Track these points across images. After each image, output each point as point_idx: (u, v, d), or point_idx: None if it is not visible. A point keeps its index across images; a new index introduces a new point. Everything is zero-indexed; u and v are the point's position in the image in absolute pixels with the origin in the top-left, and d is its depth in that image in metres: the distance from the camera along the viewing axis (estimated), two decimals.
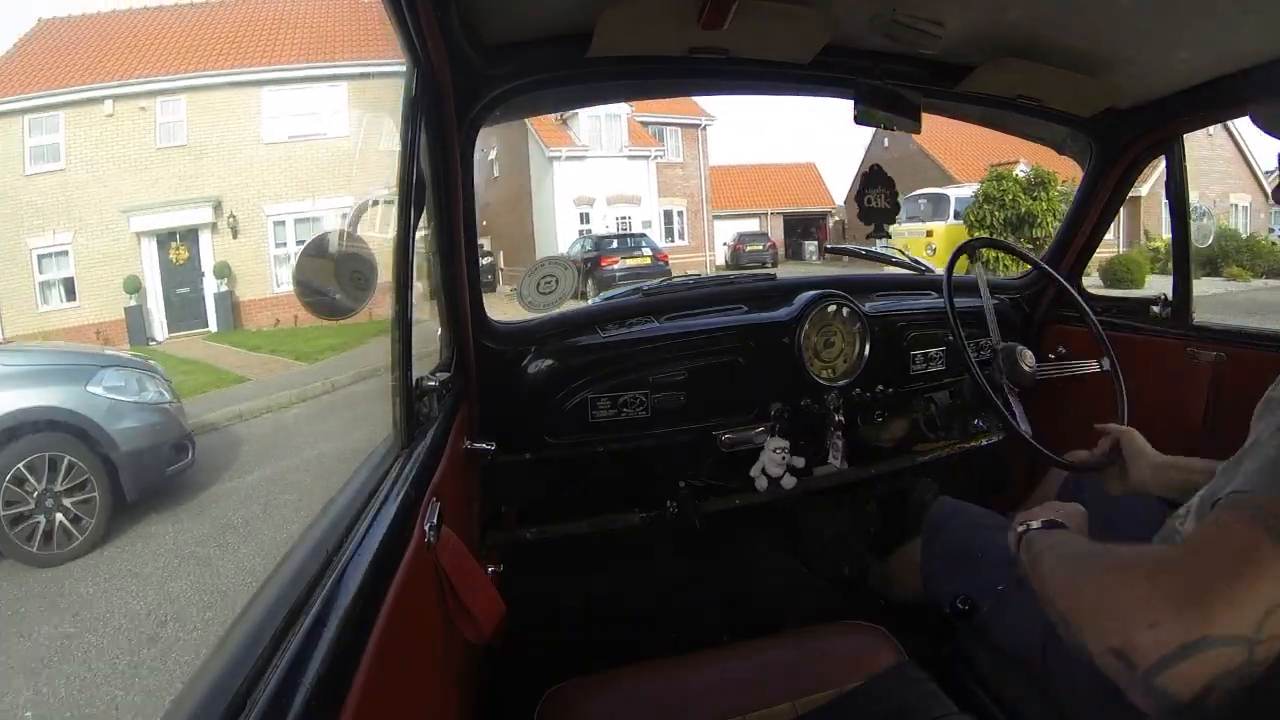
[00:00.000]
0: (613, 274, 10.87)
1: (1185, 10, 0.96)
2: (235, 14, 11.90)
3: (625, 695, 0.91)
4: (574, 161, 15.73)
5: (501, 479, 1.26)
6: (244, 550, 3.14)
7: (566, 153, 15.72)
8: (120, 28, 11.60)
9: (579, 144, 15.82)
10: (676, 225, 17.14)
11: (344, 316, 0.79)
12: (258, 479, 4.08)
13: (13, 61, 10.98)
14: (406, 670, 0.56)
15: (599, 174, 15.77)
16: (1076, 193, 1.56)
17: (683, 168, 17.10)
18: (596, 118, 15.70)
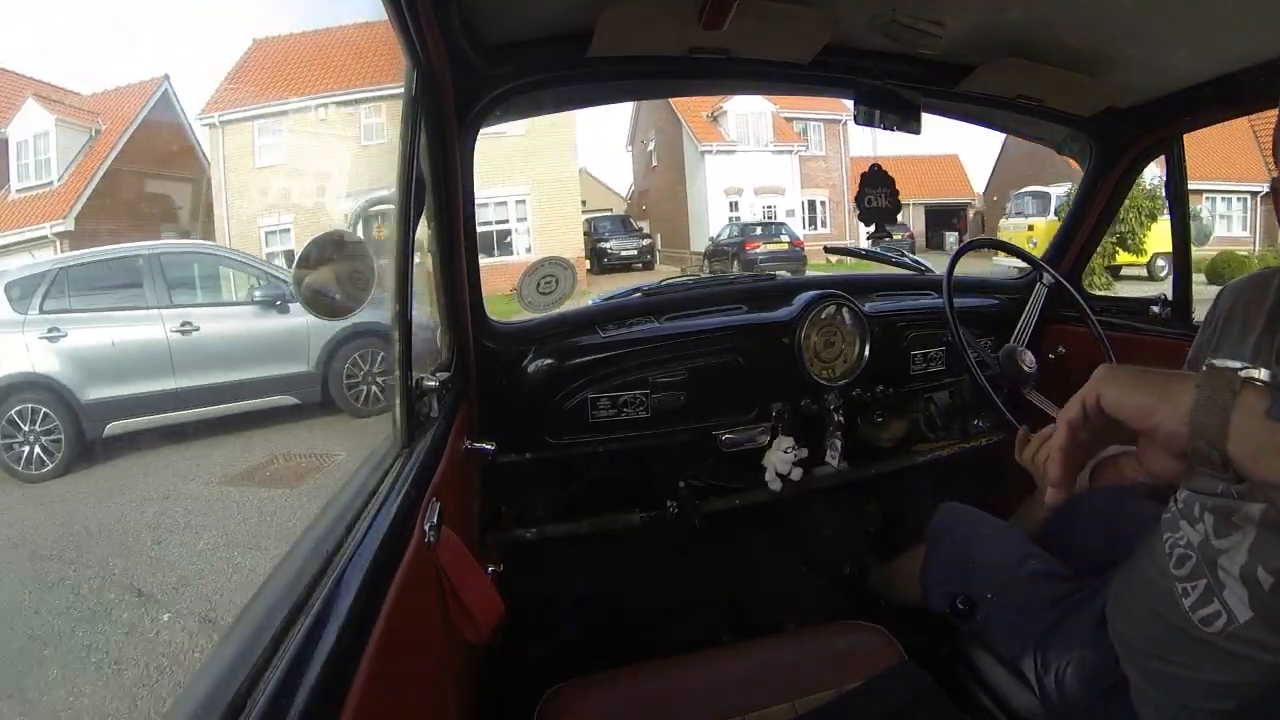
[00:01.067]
0: (755, 257, 11.94)
1: (1185, 10, 0.96)
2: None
3: (625, 695, 0.91)
4: (724, 155, 17.08)
5: (501, 479, 1.26)
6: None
7: (717, 147, 17.08)
8: (323, 43, 13.57)
9: (728, 140, 17.10)
10: (819, 214, 18.35)
11: (343, 316, 0.79)
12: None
13: (243, 74, 13.23)
14: (406, 670, 0.56)
15: (746, 167, 16.99)
16: (1076, 193, 1.56)
17: (825, 160, 17.99)
18: (744, 115, 16.92)
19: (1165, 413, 0.40)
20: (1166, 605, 0.70)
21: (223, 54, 12.60)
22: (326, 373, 4.53)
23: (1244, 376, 0.38)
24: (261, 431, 4.17)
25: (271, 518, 3.13)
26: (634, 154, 23.06)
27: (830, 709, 0.85)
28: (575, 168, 14.99)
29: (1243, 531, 0.63)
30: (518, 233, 14.25)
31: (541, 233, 14.10)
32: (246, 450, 4.03)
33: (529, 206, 14.21)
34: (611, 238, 15.85)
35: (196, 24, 14.08)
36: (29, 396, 3.93)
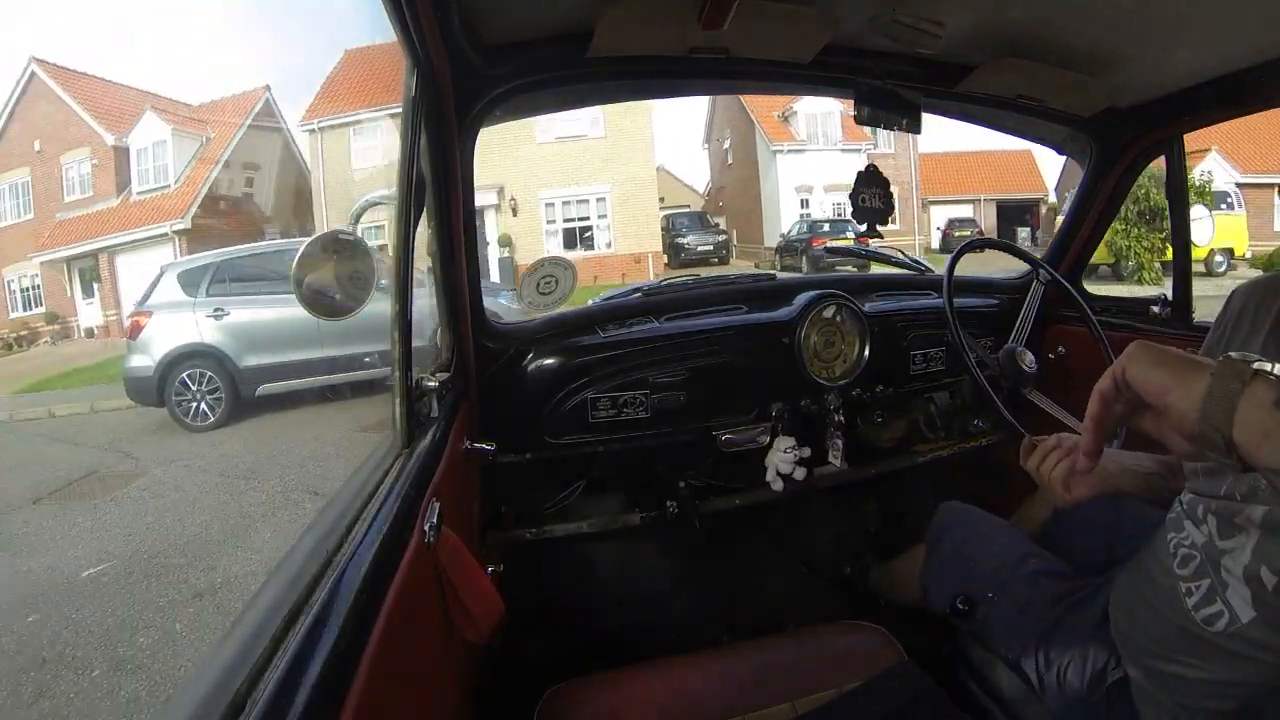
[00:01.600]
0: (821, 252, 12.18)
1: (1185, 10, 0.96)
2: None
3: (625, 695, 0.91)
4: (794, 154, 17.93)
5: (501, 479, 1.26)
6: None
7: (788, 147, 17.91)
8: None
9: (799, 139, 17.92)
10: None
11: (343, 316, 0.79)
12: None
13: (337, 84, 14.43)
14: (406, 670, 0.56)
15: (816, 165, 17.69)
16: (1076, 192, 1.56)
17: (894, 158, 18.19)
18: (814, 115, 17.77)
19: (1179, 394, 0.42)
20: (1169, 604, 0.70)
21: (321, 61, 13.99)
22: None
23: (1255, 368, 0.40)
24: (384, 396, 4.75)
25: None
26: (710, 151, 23.64)
27: (830, 709, 0.85)
28: (653, 167, 15.92)
29: (1245, 533, 0.64)
30: (599, 229, 15.41)
31: (621, 229, 15.32)
32: (371, 407, 4.78)
33: (609, 204, 15.32)
34: (688, 233, 16.30)
35: (295, 37, 15.56)
36: (197, 363, 5.11)
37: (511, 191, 14.84)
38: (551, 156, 14.90)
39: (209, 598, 2.56)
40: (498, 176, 14.50)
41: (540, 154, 14.84)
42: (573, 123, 14.60)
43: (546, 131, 14.58)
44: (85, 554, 3.07)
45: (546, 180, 14.98)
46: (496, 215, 14.85)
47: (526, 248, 14.53)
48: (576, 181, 14.97)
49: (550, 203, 15.28)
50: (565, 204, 15.28)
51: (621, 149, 14.99)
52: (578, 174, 14.93)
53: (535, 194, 15.05)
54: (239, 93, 14.51)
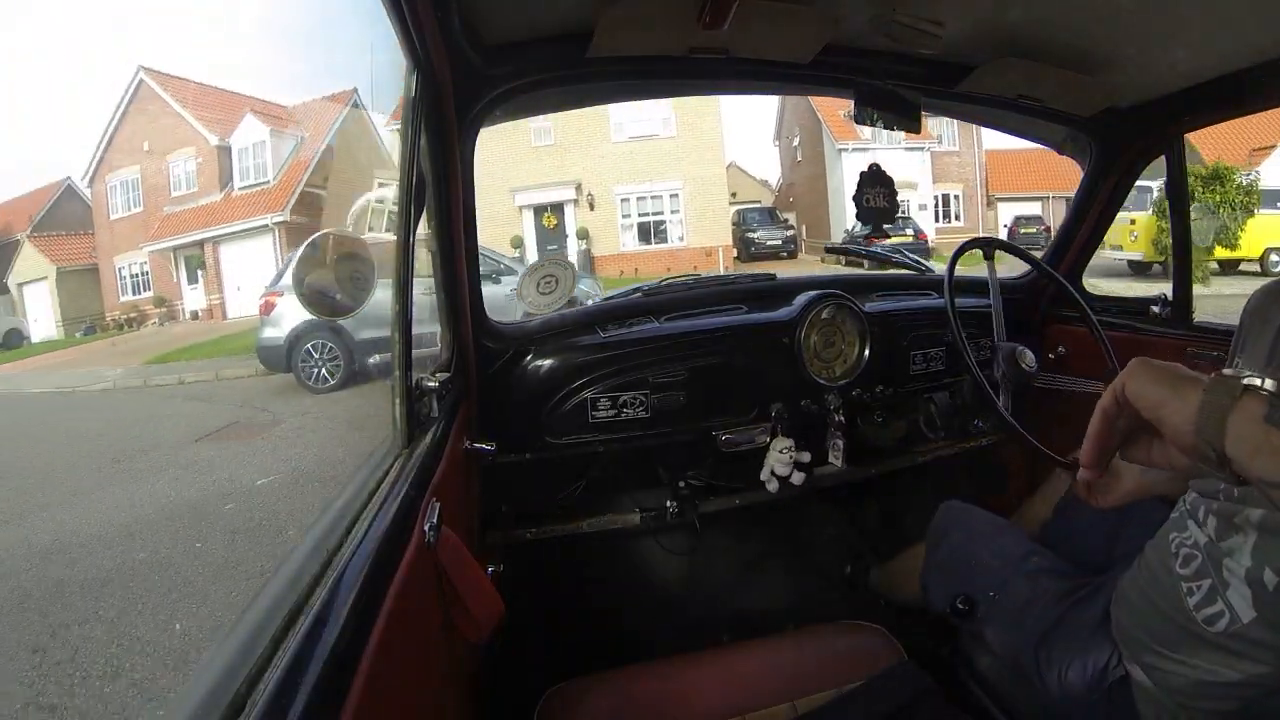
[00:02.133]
0: (876, 250, 12.68)
1: (1185, 10, 0.96)
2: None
3: (625, 695, 0.91)
4: (859, 153, 17.76)
5: (501, 479, 1.26)
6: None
7: (853, 145, 18.06)
8: None
9: (863, 138, 17.94)
10: (953, 208, 19.27)
11: (343, 316, 0.79)
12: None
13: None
14: (406, 670, 0.56)
15: (881, 163, 17.04)
16: (1076, 192, 1.56)
17: (959, 156, 18.82)
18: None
19: (1174, 409, 0.44)
20: (1171, 602, 0.71)
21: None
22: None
23: (1245, 384, 0.41)
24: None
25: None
26: (781, 148, 24.10)
27: (830, 709, 0.85)
28: (722, 166, 16.74)
29: (1244, 534, 0.64)
30: (671, 223, 16.41)
31: (693, 223, 16.23)
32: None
33: (681, 200, 16.24)
34: (758, 228, 17.07)
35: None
36: (319, 336, 5.94)
37: (589, 188, 16.02)
38: (626, 154, 15.94)
39: None
40: (575, 173, 15.80)
41: (616, 152, 15.89)
42: (646, 123, 15.71)
43: (621, 131, 15.80)
44: (252, 472, 3.94)
45: (621, 177, 15.97)
46: (575, 210, 16.13)
47: (603, 240, 15.98)
48: (650, 178, 15.89)
49: (625, 198, 16.26)
50: (640, 199, 16.29)
51: (692, 148, 15.79)
52: (651, 171, 15.83)
53: (611, 190, 16.07)
54: (328, 95, 15.89)
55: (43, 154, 46.13)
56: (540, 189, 15.95)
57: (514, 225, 15.97)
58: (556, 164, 15.84)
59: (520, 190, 15.84)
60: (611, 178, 16.01)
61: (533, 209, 16.24)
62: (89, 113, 36.62)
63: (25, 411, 7.62)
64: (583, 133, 15.65)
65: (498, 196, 15.43)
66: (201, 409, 6.24)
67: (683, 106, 15.33)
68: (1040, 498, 1.24)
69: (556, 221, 16.30)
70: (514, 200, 15.91)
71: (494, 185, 15.20)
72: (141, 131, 15.72)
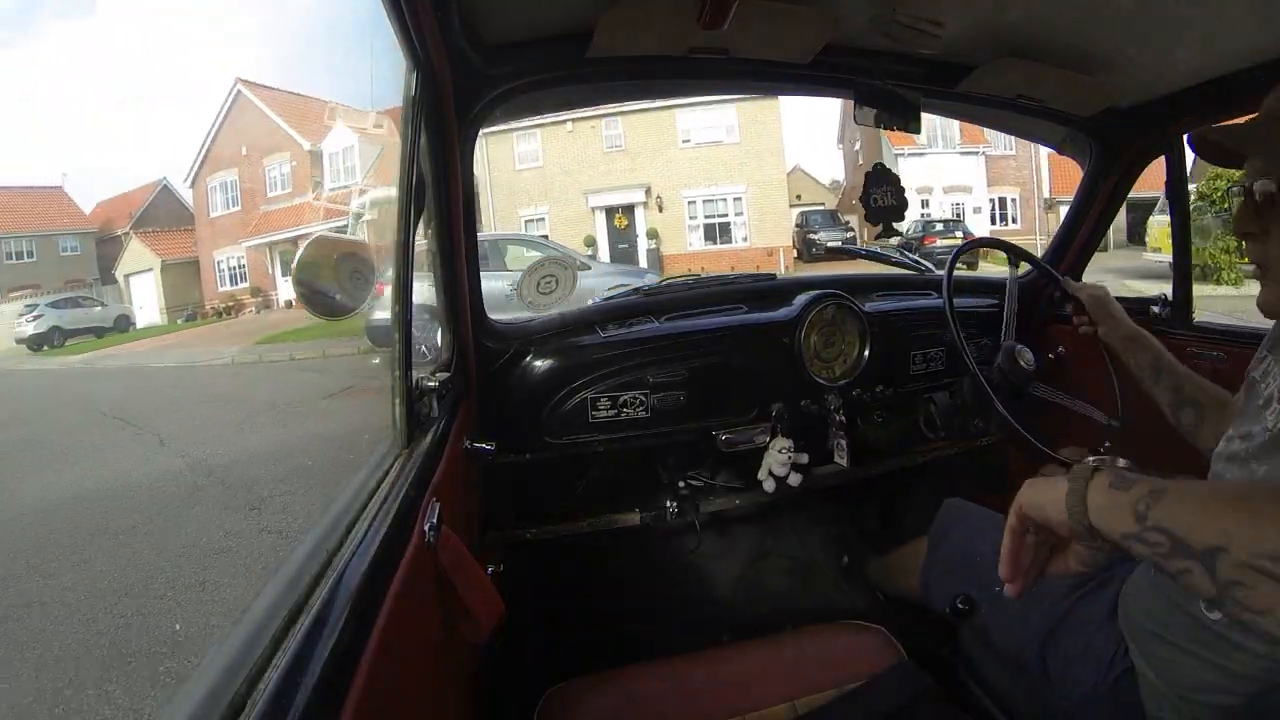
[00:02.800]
0: (931, 250, 12.83)
1: (1185, 10, 0.96)
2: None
3: (625, 695, 0.91)
4: (915, 158, 18.53)
5: (501, 479, 1.26)
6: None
7: (909, 150, 18.56)
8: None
9: (919, 143, 18.63)
10: (1010, 211, 19.43)
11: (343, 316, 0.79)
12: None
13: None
14: (406, 670, 0.56)
15: (935, 167, 18.52)
16: (1076, 192, 1.56)
17: (1015, 159, 18.91)
18: (932, 120, 18.77)
19: (1053, 508, 0.52)
20: (1180, 590, 0.71)
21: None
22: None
23: (1094, 465, 0.52)
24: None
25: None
26: (844, 151, 24.58)
27: (830, 709, 0.85)
28: (783, 170, 17.80)
29: None
30: (736, 225, 17.34)
31: (755, 225, 17.21)
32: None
33: (745, 202, 17.22)
34: (820, 230, 17.42)
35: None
36: (424, 318, 6.67)
37: (658, 190, 17.10)
38: (693, 160, 16.96)
39: None
40: (645, 177, 17.00)
41: (683, 157, 16.96)
42: (711, 130, 16.81)
43: (688, 137, 16.93)
44: (373, 418, 4.31)
45: (688, 181, 17.01)
46: (644, 211, 17.32)
47: (671, 240, 17.21)
48: (715, 182, 16.95)
49: (692, 200, 17.29)
50: (706, 202, 17.31)
51: (755, 153, 16.81)
52: (716, 175, 16.88)
53: (679, 193, 17.11)
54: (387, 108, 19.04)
55: (143, 156, 49.48)
56: (612, 191, 17.09)
57: (587, 225, 17.17)
58: (627, 167, 17.10)
59: (593, 192, 17.07)
60: (679, 181, 16.99)
61: (604, 210, 17.32)
62: (181, 119, 41.17)
63: (174, 379, 8.97)
64: (651, 139, 16.83)
65: (572, 197, 17.11)
66: (318, 378, 7.27)
67: (746, 114, 16.42)
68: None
69: (627, 222, 17.40)
70: (587, 202, 17.13)
71: (569, 186, 17.07)
72: (239, 137, 17.91)
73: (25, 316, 16.59)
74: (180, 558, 2.90)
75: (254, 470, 4.01)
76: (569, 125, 16.90)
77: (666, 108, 16.53)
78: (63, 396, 8.54)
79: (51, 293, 18.00)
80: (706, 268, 11.28)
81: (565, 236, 15.68)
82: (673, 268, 15.27)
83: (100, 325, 17.41)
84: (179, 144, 47.62)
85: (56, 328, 16.41)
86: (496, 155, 17.12)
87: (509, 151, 17.27)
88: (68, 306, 17.25)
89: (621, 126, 16.89)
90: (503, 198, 17.27)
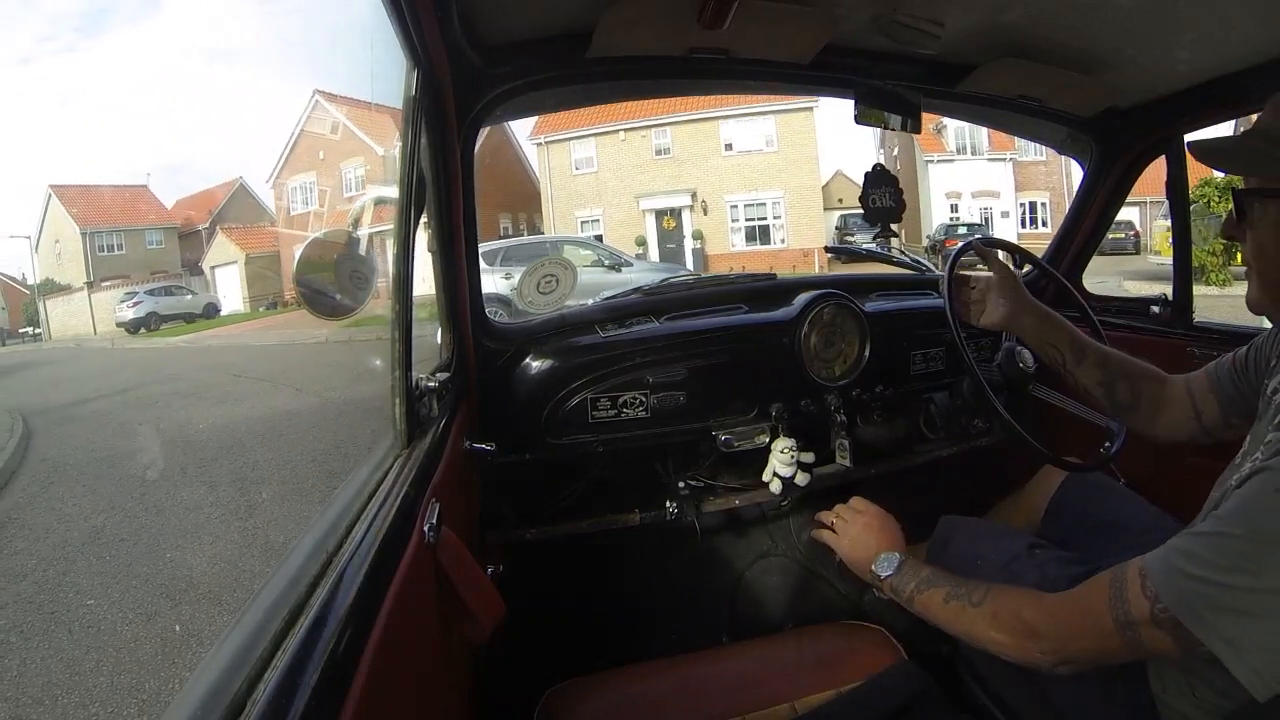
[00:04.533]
0: (949, 252, 13.90)
1: (1185, 10, 0.96)
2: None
3: (625, 695, 0.91)
4: (944, 164, 20.16)
5: (501, 479, 1.26)
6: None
7: (938, 157, 20.08)
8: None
9: (948, 150, 20.23)
10: (1040, 214, 20.37)
11: (343, 316, 0.79)
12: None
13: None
14: (406, 670, 0.56)
15: (964, 173, 19.96)
16: (1076, 192, 1.56)
17: (1045, 164, 19.78)
18: (962, 128, 19.75)
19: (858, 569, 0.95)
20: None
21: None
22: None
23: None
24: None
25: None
26: (883, 157, 25.52)
27: (830, 709, 0.85)
28: (818, 177, 19.12)
29: None
30: (775, 228, 18.83)
31: (793, 228, 18.63)
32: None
33: (784, 206, 18.76)
34: (858, 233, 17.82)
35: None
36: (495, 306, 7.70)
37: (703, 195, 18.67)
38: (735, 167, 18.55)
39: None
40: (691, 183, 18.68)
41: (725, 165, 18.56)
42: (752, 139, 18.43)
43: (730, 147, 18.59)
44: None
45: (731, 187, 18.58)
46: (690, 214, 18.92)
47: (715, 241, 18.67)
48: (756, 188, 18.54)
49: (735, 205, 18.80)
50: (748, 206, 18.83)
51: (792, 162, 18.31)
52: (756, 181, 18.48)
53: (722, 197, 18.67)
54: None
55: (226, 157, 55.59)
56: (661, 195, 18.74)
57: (638, 227, 18.90)
58: (674, 174, 18.78)
59: (644, 196, 18.80)
60: (722, 187, 18.57)
61: (654, 212, 19.00)
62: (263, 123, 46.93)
63: (284, 353, 10.21)
64: (697, 147, 18.52)
65: (624, 200, 18.92)
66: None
67: (784, 125, 18.13)
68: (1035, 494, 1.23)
69: (675, 224, 18.95)
70: (638, 205, 18.87)
71: (621, 190, 18.87)
72: (317, 143, 19.95)
73: (125, 303, 18.60)
74: (347, 442, 4.56)
75: (377, 403, 4.73)
76: (621, 135, 18.82)
77: (711, 119, 18.27)
78: (195, 363, 10.44)
79: (139, 283, 20.27)
80: (748, 268, 11.74)
81: (618, 237, 17.23)
82: (717, 266, 16.78)
83: (190, 311, 19.33)
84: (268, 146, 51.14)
85: (153, 313, 18.42)
86: (556, 161, 19.16)
87: (566, 157, 19.18)
88: (162, 294, 19.38)
89: (670, 135, 18.66)
90: (560, 200, 19.18)
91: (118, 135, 43.68)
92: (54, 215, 22.87)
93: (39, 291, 22.87)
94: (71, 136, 42.62)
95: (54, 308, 21.75)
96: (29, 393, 8.56)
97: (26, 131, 42.34)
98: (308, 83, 55.93)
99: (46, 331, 21.56)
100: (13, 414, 6.26)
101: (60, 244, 22.70)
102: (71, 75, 42.32)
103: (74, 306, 21.21)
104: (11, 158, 41.45)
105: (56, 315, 21.62)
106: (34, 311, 22.94)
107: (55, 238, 22.81)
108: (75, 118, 42.51)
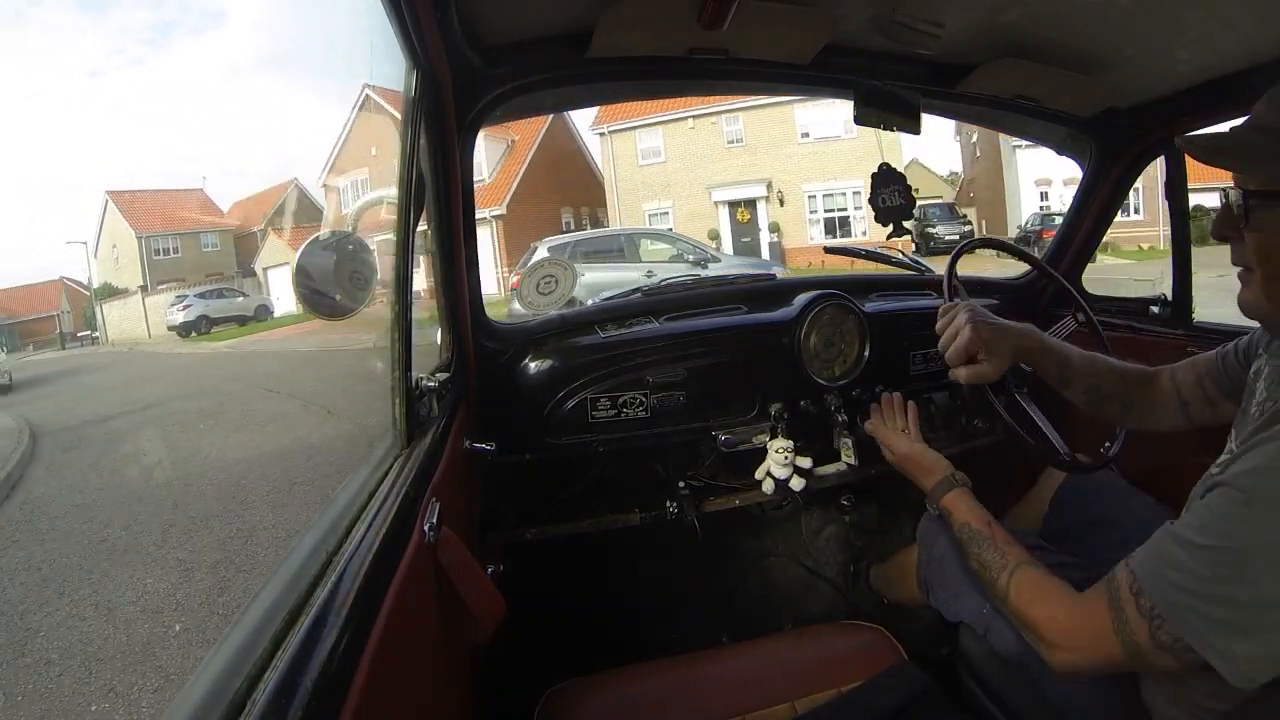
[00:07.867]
0: (1044, 243, 13.98)
1: (1185, 10, 0.96)
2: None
3: (625, 695, 0.91)
4: (1031, 149, 18.61)
5: (501, 479, 1.26)
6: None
7: (1026, 143, 18.80)
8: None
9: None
10: (1133, 201, 19.61)
11: (343, 316, 0.79)
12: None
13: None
14: (406, 670, 0.56)
15: (1056, 160, 18.06)
16: (1076, 192, 1.56)
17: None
18: None
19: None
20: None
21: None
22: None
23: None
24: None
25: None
26: (961, 144, 24.77)
27: (830, 709, 0.85)
28: (900, 164, 17.22)
29: None
30: (855, 219, 17.70)
31: (873, 219, 16.25)
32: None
33: (863, 197, 17.02)
34: (938, 223, 17.40)
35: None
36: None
37: (778, 185, 17.68)
38: (812, 155, 17.44)
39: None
40: (766, 172, 17.51)
41: (801, 152, 17.43)
42: (829, 125, 16.89)
43: (806, 134, 17.41)
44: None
45: (808, 176, 17.47)
46: (766, 206, 17.91)
47: (792, 233, 17.69)
48: (834, 177, 17.26)
49: (812, 195, 17.76)
50: (826, 196, 17.75)
51: (871, 148, 16.84)
52: (834, 170, 17.19)
53: (799, 187, 17.64)
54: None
55: (281, 158, 54.84)
56: (734, 186, 17.73)
57: (710, 219, 17.83)
58: (748, 163, 17.65)
59: (716, 187, 17.81)
60: (799, 176, 17.50)
61: (727, 204, 17.96)
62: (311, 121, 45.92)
63: (327, 360, 9.94)
64: (771, 134, 17.38)
65: (695, 192, 17.97)
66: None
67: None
68: (1037, 496, 1.23)
69: (749, 216, 18.01)
70: (710, 196, 17.89)
71: (691, 181, 17.90)
72: (368, 138, 18.87)
73: (175, 306, 18.35)
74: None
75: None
76: (690, 123, 17.80)
77: (785, 104, 16.78)
78: (230, 373, 10.09)
79: (194, 286, 20.03)
80: (827, 261, 11.51)
81: (689, 230, 15.93)
82: (795, 260, 15.91)
83: (242, 314, 18.93)
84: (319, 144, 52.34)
85: (204, 316, 18.08)
86: (620, 151, 18.32)
87: (632, 148, 18.26)
88: (213, 297, 19.03)
89: (742, 122, 17.46)
90: (626, 192, 18.36)
91: (164, 140, 43.77)
92: (111, 220, 22.90)
93: (96, 296, 22.81)
94: (129, 143, 42.58)
95: (110, 311, 21.66)
96: (57, 406, 8.14)
97: (88, 140, 42.79)
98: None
99: (103, 335, 21.47)
100: (21, 433, 5.82)
101: (118, 248, 22.71)
102: (130, 84, 42.99)
103: (129, 310, 21.13)
104: (73, 165, 42.45)
105: (113, 319, 21.51)
106: (91, 314, 22.86)
107: (113, 242, 22.83)
108: (128, 124, 42.90)
